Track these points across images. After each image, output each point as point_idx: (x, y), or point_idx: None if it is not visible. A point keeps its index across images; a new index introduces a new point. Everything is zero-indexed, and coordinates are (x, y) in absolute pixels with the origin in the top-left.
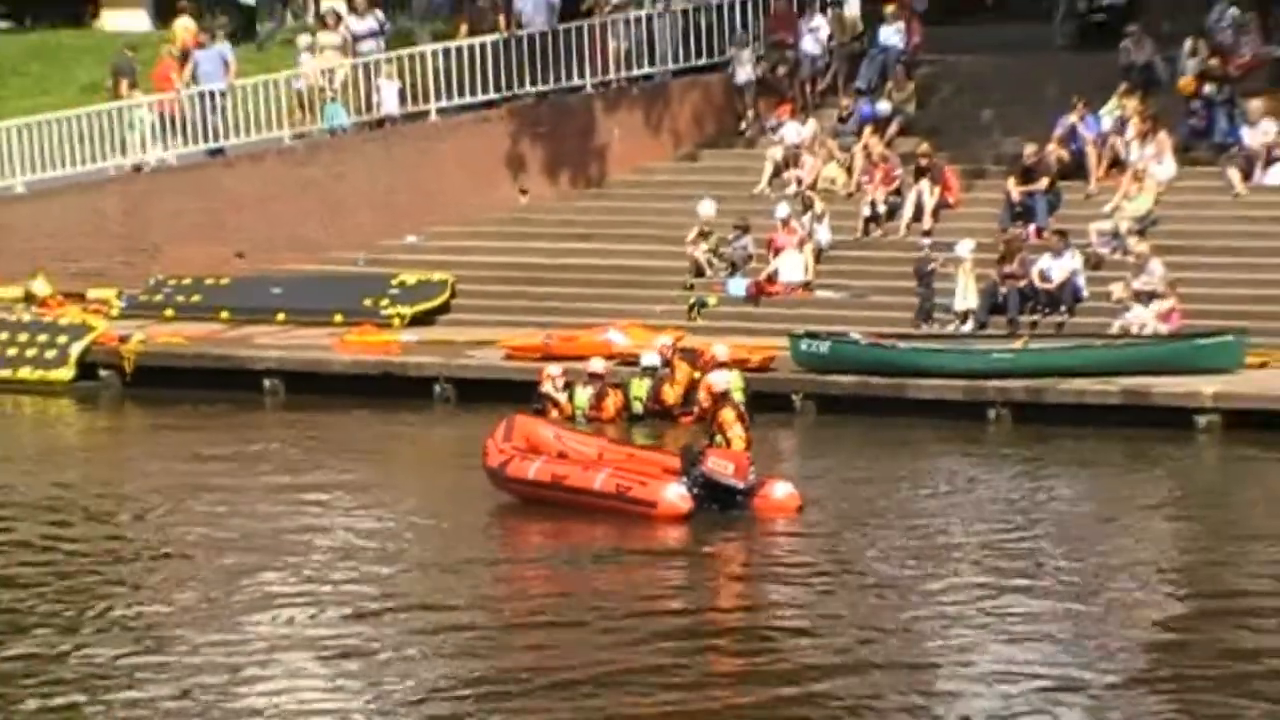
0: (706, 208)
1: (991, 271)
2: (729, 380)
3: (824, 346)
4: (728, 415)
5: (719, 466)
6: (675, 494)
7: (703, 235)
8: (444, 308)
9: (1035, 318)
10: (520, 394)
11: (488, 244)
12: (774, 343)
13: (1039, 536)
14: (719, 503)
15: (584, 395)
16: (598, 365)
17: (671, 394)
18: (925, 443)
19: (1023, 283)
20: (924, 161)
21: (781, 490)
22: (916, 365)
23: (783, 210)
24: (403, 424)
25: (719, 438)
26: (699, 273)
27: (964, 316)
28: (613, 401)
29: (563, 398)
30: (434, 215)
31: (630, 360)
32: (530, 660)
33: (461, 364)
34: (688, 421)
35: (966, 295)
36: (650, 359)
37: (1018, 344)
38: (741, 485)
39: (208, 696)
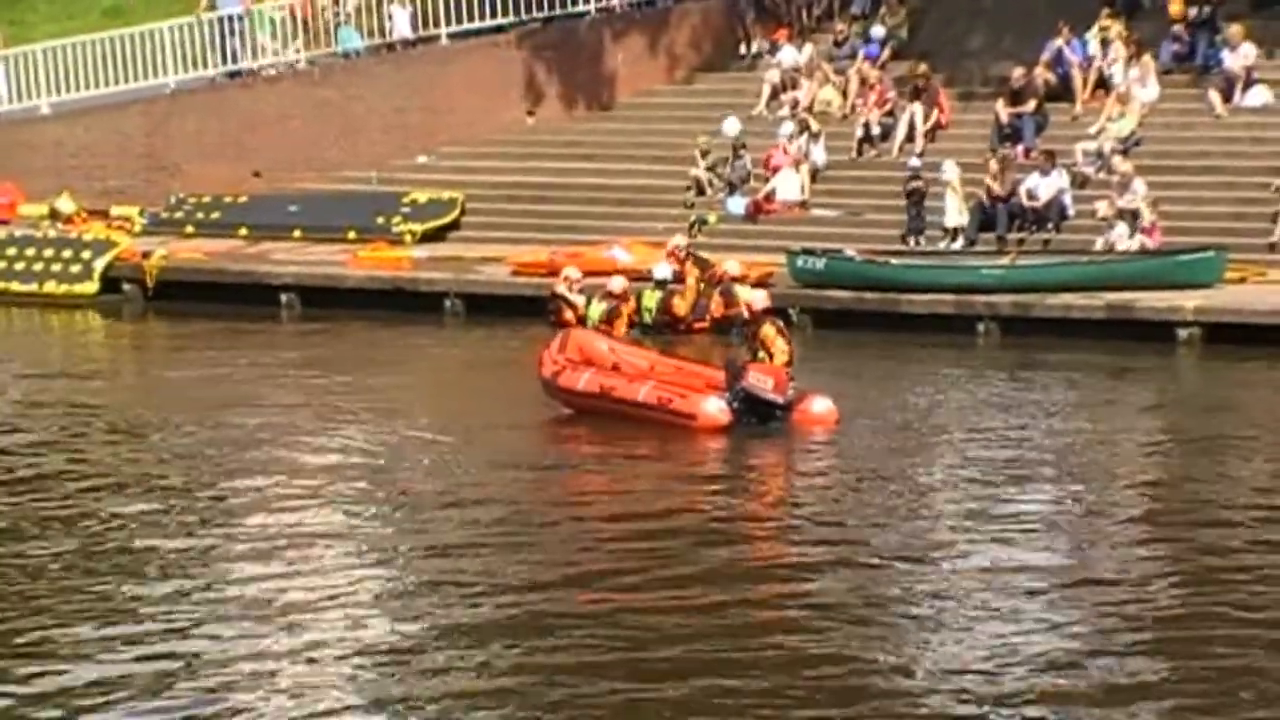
0: (731, 126)
1: (980, 190)
2: (763, 297)
3: (820, 263)
4: (769, 331)
5: (758, 381)
6: (714, 407)
7: (703, 154)
8: (454, 225)
9: (1023, 235)
10: (527, 309)
11: (496, 164)
12: (772, 259)
13: (1026, 443)
14: (759, 416)
15: (597, 309)
16: (617, 284)
17: (682, 305)
18: (918, 355)
19: (1007, 193)
20: (920, 83)
21: (820, 405)
22: (908, 281)
23: (787, 129)
24: (415, 337)
25: (762, 354)
26: (700, 191)
27: (953, 234)
28: (624, 320)
29: (579, 300)
30: (444, 136)
31: (638, 276)
32: (539, 559)
33: (470, 279)
34: (700, 328)
35: (956, 213)
36: (663, 271)
37: (1006, 260)
38: (780, 400)
39: (225, 632)
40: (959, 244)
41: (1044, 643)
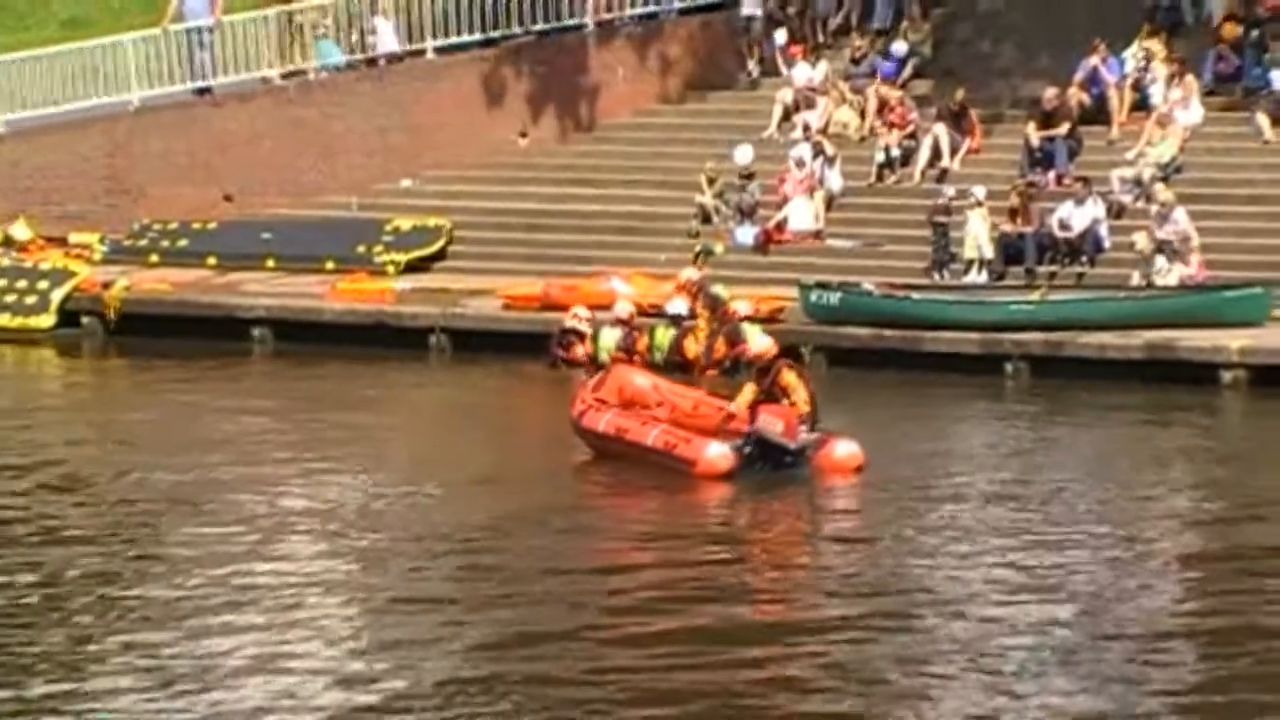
0: (744, 154)
1: (1005, 220)
2: (771, 344)
3: (835, 297)
4: (790, 378)
5: (768, 424)
6: (715, 452)
7: (710, 181)
8: (440, 255)
9: (1054, 268)
10: (519, 345)
11: (485, 189)
12: (783, 293)
13: (1058, 494)
14: (772, 462)
15: (610, 337)
16: (624, 309)
17: (694, 347)
18: (941, 397)
19: (1032, 228)
20: (955, 107)
21: (844, 449)
22: (931, 317)
23: (800, 153)
24: (397, 376)
25: (784, 401)
26: (706, 220)
27: (979, 266)
28: (644, 345)
29: (589, 332)
30: (430, 158)
31: (643, 312)
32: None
33: (458, 314)
34: (712, 374)
35: (982, 244)
36: (676, 306)
37: (1036, 295)
38: (790, 445)
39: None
40: (984, 277)
41: (1076, 705)
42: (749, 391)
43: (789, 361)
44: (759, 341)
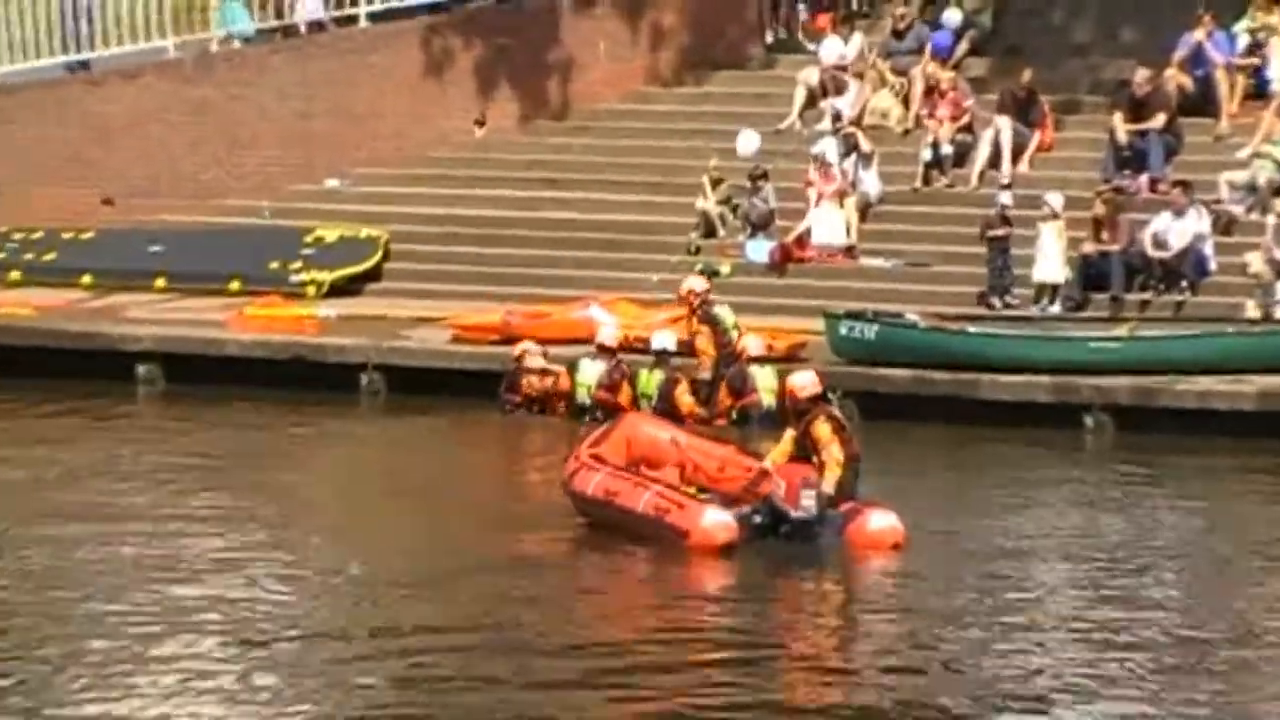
0: (747, 143)
1: (1085, 235)
2: (812, 381)
3: (870, 331)
4: (823, 431)
5: (775, 487)
6: (711, 521)
7: (714, 183)
8: (374, 274)
9: (1147, 295)
10: (472, 387)
11: (431, 191)
12: (805, 324)
13: (1148, 578)
14: (789, 534)
15: (591, 371)
16: (608, 335)
17: (686, 399)
18: (1002, 458)
19: (1119, 246)
20: (1021, 94)
21: (880, 521)
22: (991, 356)
23: (826, 149)
24: (318, 426)
25: (815, 458)
26: (709, 232)
27: (1052, 293)
28: (626, 394)
29: (559, 369)
30: (362, 153)
31: (627, 349)
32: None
33: (396, 347)
34: (719, 423)
35: (1054, 265)
36: (663, 340)
37: (1123, 330)
38: (792, 513)
39: None
40: (1058, 307)
41: None
42: (786, 442)
43: (829, 409)
44: (798, 379)
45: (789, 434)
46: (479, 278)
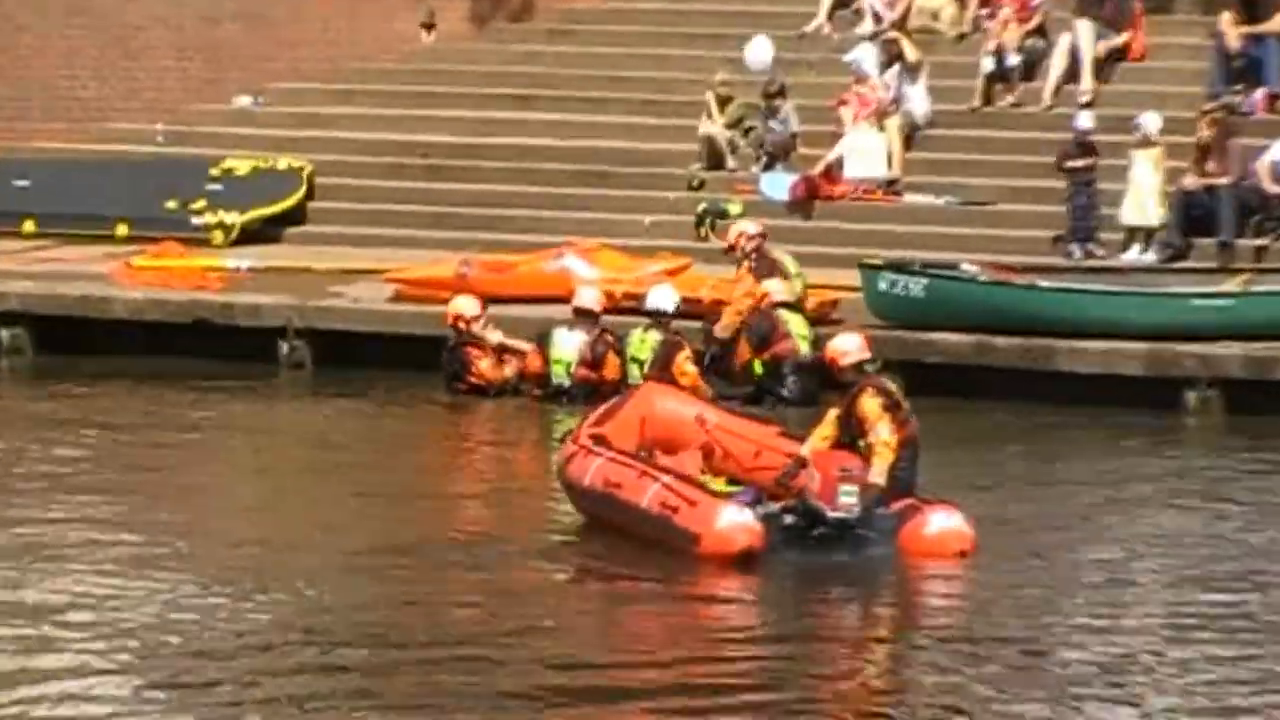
0: (761, 52)
1: (1187, 166)
2: (857, 346)
3: (918, 285)
4: (870, 406)
5: (809, 478)
6: (728, 522)
7: (721, 102)
8: (296, 215)
9: (1263, 241)
10: (418, 356)
11: (368, 111)
12: (835, 277)
13: (1270, 591)
14: (829, 538)
15: (569, 343)
16: (589, 298)
17: (689, 368)
18: (1085, 446)
19: (1229, 179)
20: None
21: (940, 521)
22: (1069, 317)
23: (863, 58)
24: (227, 402)
25: (862, 442)
26: (716, 162)
27: (1145, 238)
28: (613, 364)
29: (492, 339)
30: (280, 64)
31: (616, 309)
32: None
33: (324, 308)
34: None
35: (1148, 204)
36: (661, 299)
37: (1234, 284)
38: (829, 513)
39: None
40: (1152, 255)
41: None
42: (829, 423)
43: (879, 380)
44: (841, 343)
45: (831, 413)
46: (427, 220)
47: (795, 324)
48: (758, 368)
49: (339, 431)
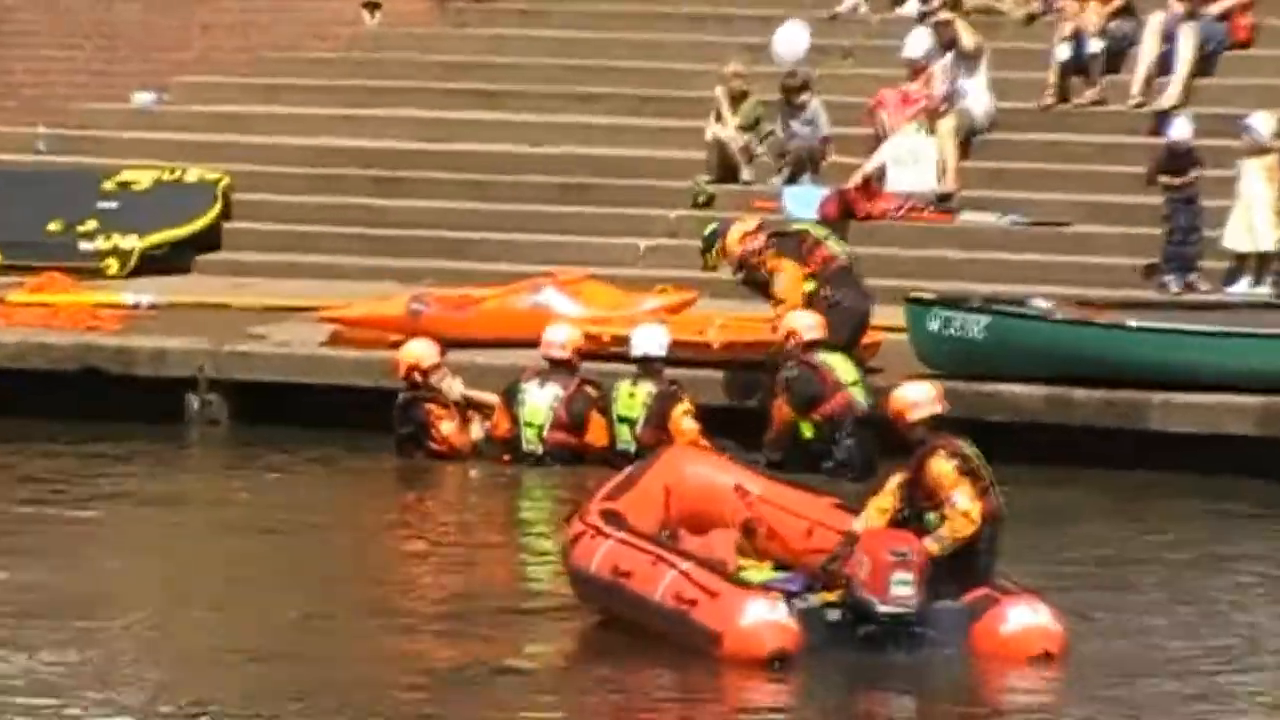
0: (791, 40)
1: None
2: (927, 397)
3: (976, 325)
4: (944, 468)
5: (856, 565)
6: (755, 619)
7: (734, 99)
8: (209, 238)
9: None
10: (360, 414)
11: (299, 111)
12: (874, 315)
13: None
14: (874, 638)
15: (540, 399)
16: (559, 338)
17: (688, 421)
18: (1190, 522)
19: None
20: None
21: (1021, 616)
22: (1167, 364)
23: (909, 46)
24: (122, 473)
25: (932, 515)
26: (727, 173)
27: (1259, 266)
28: (596, 422)
29: (454, 393)
30: (192, 53)
31: (597, 354)
32: None
33: (243, 353)
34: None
35: (1260, 224)
36: (648, 342)
37: None
38: (878, 605)
39: None
40: (1269, 289)
41: None
42: (889, 492)
43: (949, 439)
44: (909, 393)
45: (893, 480)
46: (372, 245)
47: (842, 369)
48: (806, 430)
49: (263, 508)
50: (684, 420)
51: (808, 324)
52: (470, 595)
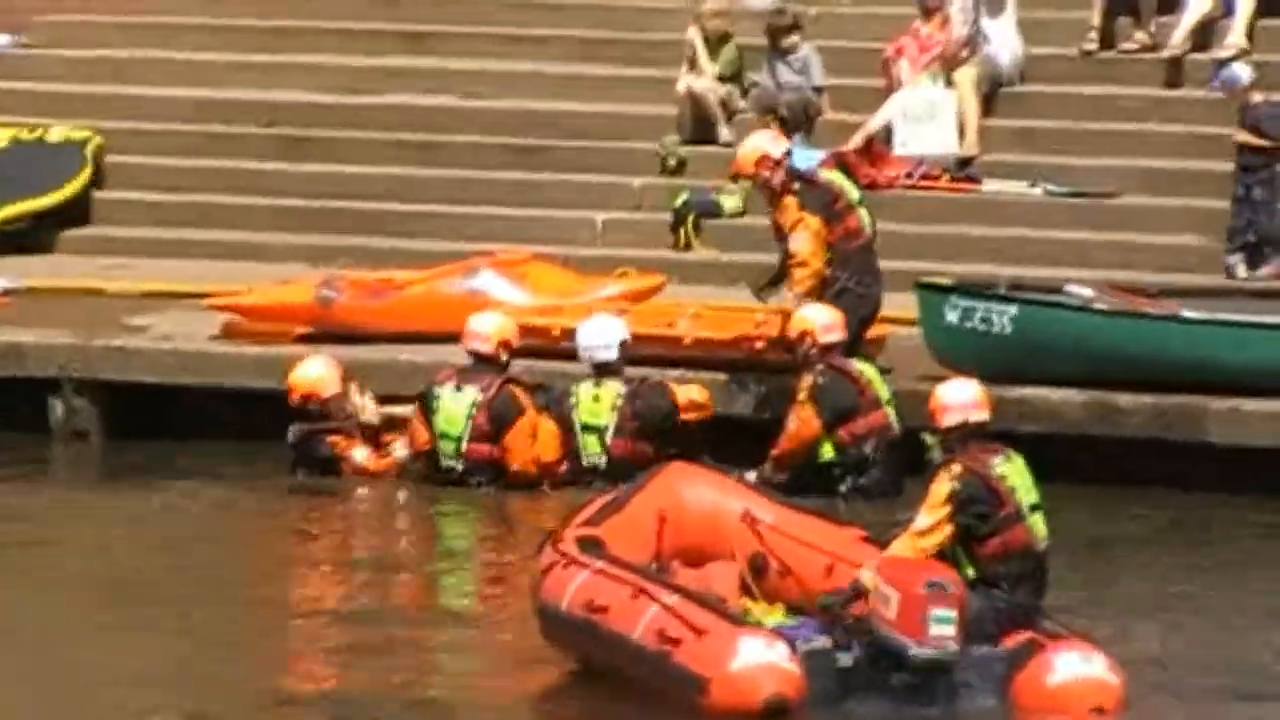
0: None
1: None
2: (974, 400)
3: (1003, 316)
4: (938, 491)
5: (879, 599)
6: (749, 661)
7: (711, 42)
8: (75, 209)
9: None
10: (258, 422)
11: (184, 56)
12: (883, 302)
13: None
14: (903, 687)
15: (459, 402)
16: (481, 331)
17: (702, 398)
18: (1252, 547)
19: None
20: None
21: (1069, 666)
22: (1225, 362)
23: None
24: None
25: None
26: (703, 131)
27: None
28: (528, 425)
29: (365, 411)
30: None
31: (543, 353)
32: None
33: (117, 349)
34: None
35: None
36: (599, 338)
37: None
38: (912, 649)
39: None
40: None
41: None
42: (934, 509)
43: (976, 455)
44: (950, 394)
45: (939, 488)
46: (272, 217)
47: (878, 382)
48: (827, 449)
49: (141, 537)
50: (690, 393)
51: (825, 322)
52: (376, 622)
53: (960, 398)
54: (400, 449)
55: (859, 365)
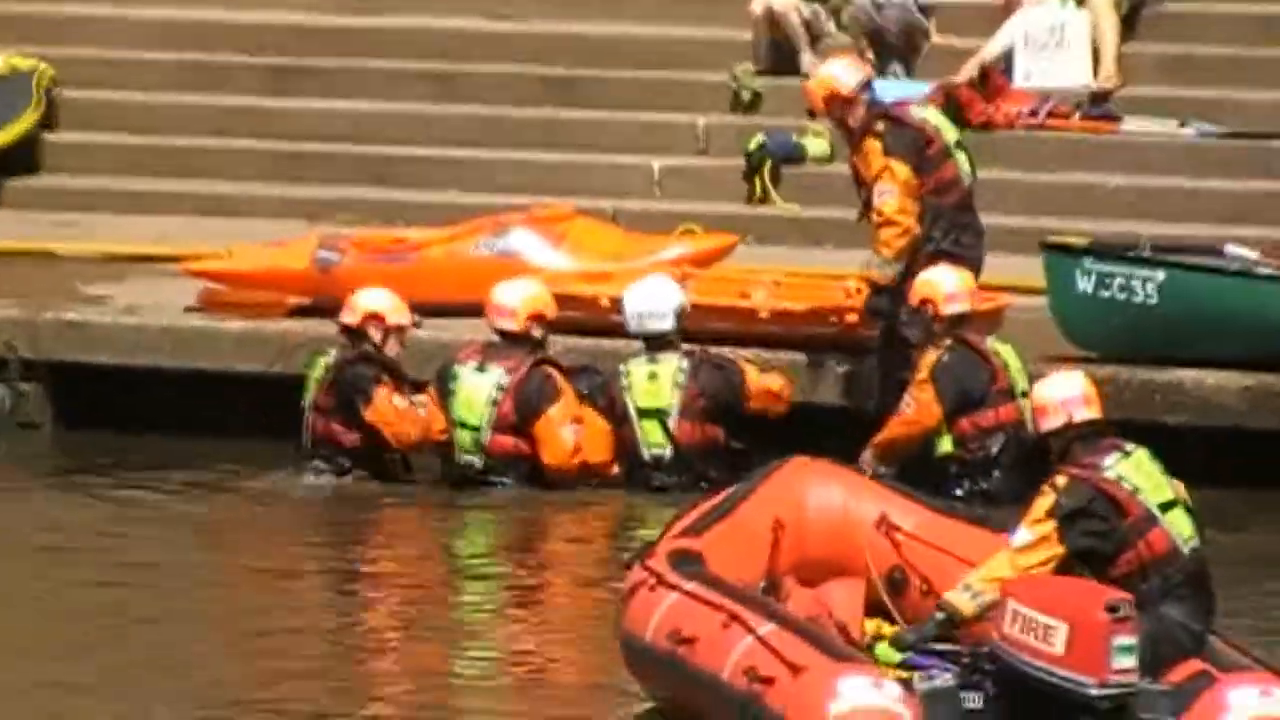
0: None
1: None
2: (1083, 394)
3: (1148, 283)
4: (1040, 504)
5: (1026, 629)
6: (851, 704)
7: None
8: (22, 155)
9: None
10: (242, 411)
11: None
12: (996, 268)
13: None
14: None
15: (479, 390)
16: (510, 298)
17: (778, 383)
18: None
19: None
20: None
21: (1248, 703)
22: None
23: None
24: None
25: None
26: (781, 60)
27: None
28: (562, 417)
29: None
30: None
31: (575, 329)
32: None
33: (72, 323)
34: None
35: None
36: (647, 304)
37: None
38: (1089, 687)
39: None
40: None
41: None
42: (1035, 524)
43: (1088, 461)
44: (1053, 389)
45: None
46: (262, 164)
47: (1015, 368)
48: (945, 441)
49: (100, 551)
50: (765, 379)
51: (950, 289)
52: (371, 644)
53: (1061, 394)
54: (414, 427)
55: (995, 345)
